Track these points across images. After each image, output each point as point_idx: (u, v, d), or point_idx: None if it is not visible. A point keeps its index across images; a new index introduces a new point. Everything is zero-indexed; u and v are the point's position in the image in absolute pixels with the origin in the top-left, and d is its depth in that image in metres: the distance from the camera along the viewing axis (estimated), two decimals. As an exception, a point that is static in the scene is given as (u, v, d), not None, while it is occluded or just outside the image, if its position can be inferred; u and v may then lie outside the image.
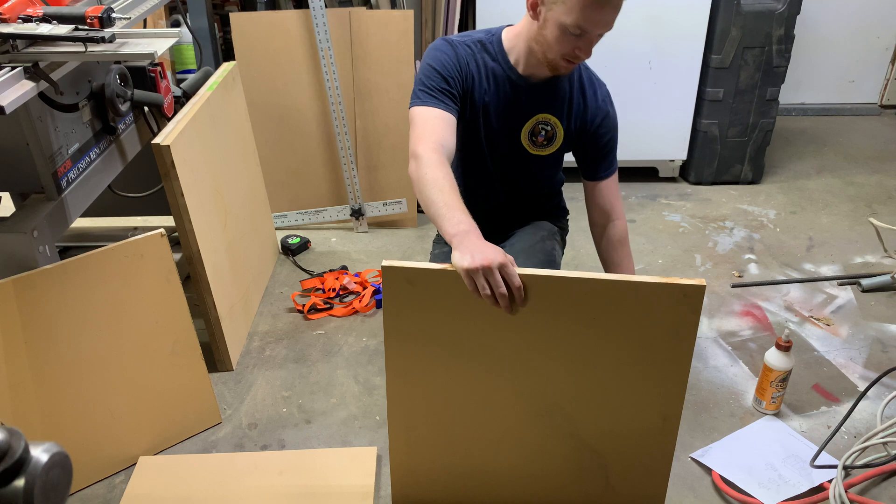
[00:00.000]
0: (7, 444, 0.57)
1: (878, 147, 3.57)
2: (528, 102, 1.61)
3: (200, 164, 1.92)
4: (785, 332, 1.77)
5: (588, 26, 1.40)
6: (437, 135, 1.41)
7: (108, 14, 1.47)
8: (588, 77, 1.65)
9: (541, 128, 1.64)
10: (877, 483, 1.64)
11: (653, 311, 1.19)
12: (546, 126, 1.63)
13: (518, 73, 1.57)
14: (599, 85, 1.67)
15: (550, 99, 1.61)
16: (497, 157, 1.70)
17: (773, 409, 1.84)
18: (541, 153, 1.68)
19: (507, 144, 1.67)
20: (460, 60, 1.54)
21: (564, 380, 1.30)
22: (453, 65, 1.53)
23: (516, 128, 1.64)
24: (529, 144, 1.66)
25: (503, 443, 1.40)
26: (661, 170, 3.20)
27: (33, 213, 1.56)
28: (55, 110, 1.59)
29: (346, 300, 2.33)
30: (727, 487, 1.62)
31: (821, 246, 2.69)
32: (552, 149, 1.68)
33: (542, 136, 1.64)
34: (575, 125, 1.65)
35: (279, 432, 1.81)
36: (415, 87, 1.51)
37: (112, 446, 1.67)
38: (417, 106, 1.47)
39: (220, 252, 2.02)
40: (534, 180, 1.80)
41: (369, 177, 2.81)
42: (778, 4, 2.81)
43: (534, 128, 1.64)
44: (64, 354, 1.54)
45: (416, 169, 1.34)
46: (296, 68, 2.65)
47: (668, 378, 1.26)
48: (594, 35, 1.43)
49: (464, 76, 1.55)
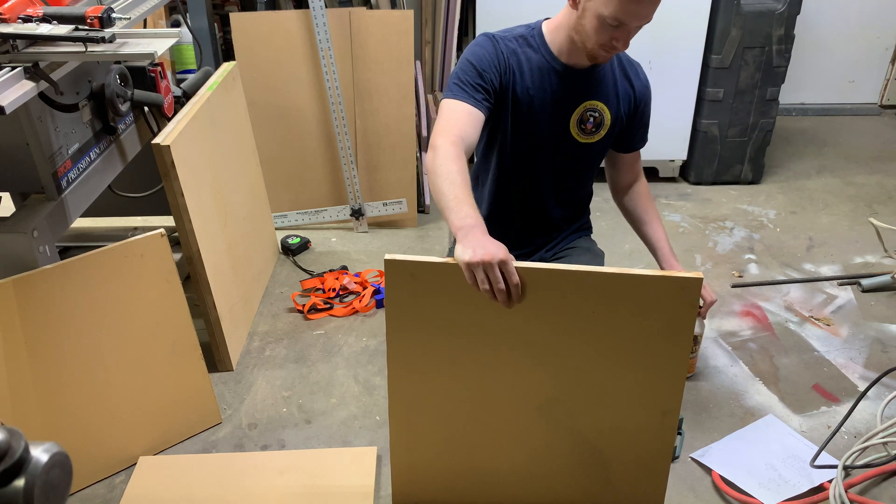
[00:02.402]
0: (7, 444, 0.57)
1: (878, 147, 3.57)
2: (574, 91, 1.61)
3: (200, 164, 1.92)
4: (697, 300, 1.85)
5: (625, 18, 1.40)
6: (459, 128, 1.42)
7: (108, 14, 1.47)
8: (626, 59, 1.68)
9: (589, 115, 1.64)
10: (877, 483, 1.64)
11: (651, 304, 1.20)
12: (594, 112, 1.64)
13: (562, 62, 1.58)
14: (637, 63, 1.70)
15: (596, 85, 1.62)
16: (546, 149, 1.68)
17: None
18: (589, 140, 1.68)
19: (556, 135, 1.66)
20: (499, 56, 1.55)
21: (564, 373, 1.31)
22: (491, 60, 1.53)
23: (565, 117, 1.64)
24: (579, 133, 1.66)
25: (503, 439, 1.41)
26: (661, 170, 3.20)
27: (33, 213, 1.56)
28: (55, 110, 1.59)
29: (346, 300, 2.33)
30: (727, 487, 1.62)
31: (821, 246, 2.69)
32: (600, 135, 1.68)
33: (591, 123, 1.65)
34: (624, 108, 1.67)
35: (279, 432, 1.81)
36: (450, 80, 1.53)
37: (112, 446, 1.67)
38: (447, 98, 1.49)
39: (220, 252, 2.02)
40: (584, 171, 1.79)
41: (369, 177, 2.81)
42: (778, 4, 2.81)
43: (582, 115, 1.64)
44: (64, 354, 1.54)
45: (433, 160, 1.35)
46: (296, 68, 2.65)
47: (667, 371, 1.27)
48: (632, 27, 1.44)
49: (502, 71, 1.55)
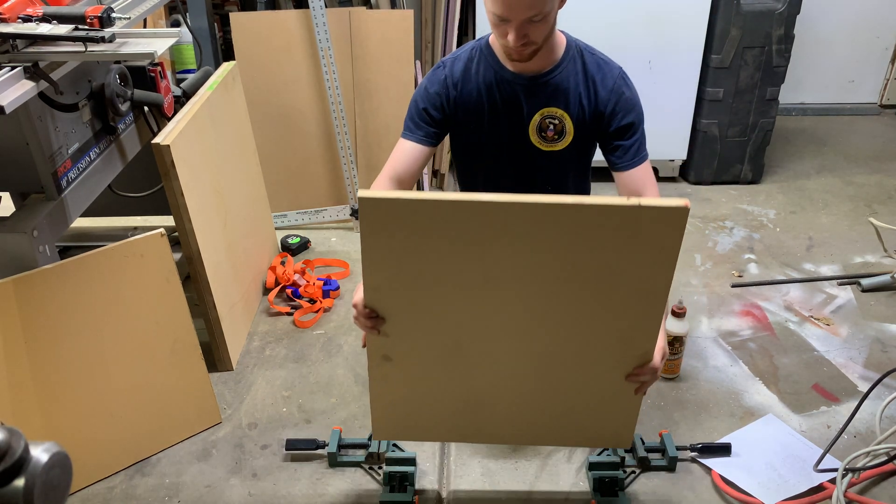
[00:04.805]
0: (7, 444, 0.57)
1: (878, 147, 3.57)
2: (528, 98, 1.59)
3: (200, 164, 1.92)
4: (678, 300, 1.93)
5: (503, 13, 1.38)
6: (393, 165, 1.61)
7: (108, 14, 1.47)
8: (595, 62, 1.59)
9: (548, 122, 1.61)
10: (877, 483, 1.64)
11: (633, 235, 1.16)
12: (553, 120, 1.61)
13: (510, 71, 1.57)
14: (610, 68, 1.59)
15: (552, 91, 1.59)
16: (511, 158, 1.68)
17: (664, 372, 1.97)
18: (553, 147, 1.64)
19: (518, 144, 1.65)
20: (440, 84, 1.60)
21: (542, 308, 1.29)
22: (431, 92, 1.61)
23: (523, 126, 1.62)
24: (539, 140, 1.63)
25: (482, 375, 1.41)
26: (661, 170, 3.20)
27: (33, 213, 1.56)
28: (55, 110, 1.59)
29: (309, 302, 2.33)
30: (727, 487, 1.62)
31: (821, 246, 2.69)
32: (564, 142, 1.64)
33: (552, 131, 1.62)
34: (587, 115, 1.60)
35: (279, 432, 1.81)
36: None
37: (112, 446, 1.67)
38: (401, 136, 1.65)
39: (220, 252, 2.02)
40: (558, 179, 1.73)
41: (369, 176, 2.81)
42: (778, 4, 2.81)
43: (541, 123, 1.61)
44: (64, 354, 1.54)
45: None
46: (296, 68, 2.64)
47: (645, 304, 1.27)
48: (518, 21, 1.39)
49: (444, 98, 1.60)
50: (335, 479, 1.68)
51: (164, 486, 1.67)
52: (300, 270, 2.41)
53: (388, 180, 1.60)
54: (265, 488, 1.66)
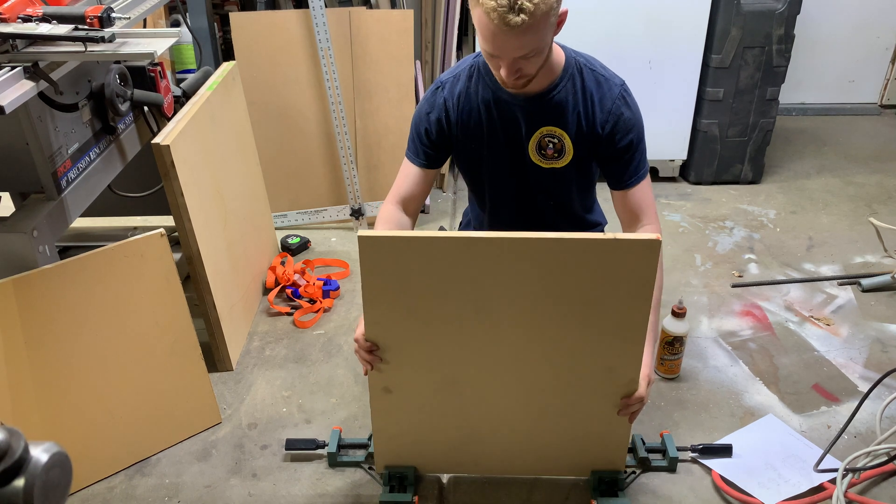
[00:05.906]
0: (7, 444, 0.57)
1: (878, 147, 3.57)
2: (526, 118, 1.57)
3: (200, 164, 1.92)
4: (679, 300, 1.93)
5: (496, 51, 1.36)
6: (399, 187, 1.65)
7: (108, 14, 1.47)
8: (595, 79, 1.55)
9: (547, 141, 1.59)
10: (877, 483, 1.64)
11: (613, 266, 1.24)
12: (552, 139, 1.58)
13: (507, 91, 1.52)
14: (610, 87, 1.54)
15: (551, 111, 1.55)
16: (515, 176, 1.67)
17: (664, 373, 1.97)
18: (554, 165, 1.62)
19: (518, 162, 1.63)
20: (437, 107, 1.61)
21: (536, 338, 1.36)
22: (428, 116, 1.61)
23: (522, 144, 1.60)
24: (540, 158, 1.61)
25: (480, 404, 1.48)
26: (661, 169, 3.20)
27: (33, 213, 1.56)
28: (55, 110, 1.59)
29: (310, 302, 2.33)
30: (727, 487, 1.62)
31: (821, 246, 2.68)
32: (564, 160, 1.61)
33: (551, 149, 1.59)
34: (585, 134, 1.57)
35: (279, 432, 1.81)
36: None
37: (112, 446, 1.67)
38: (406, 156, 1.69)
39: (220, 252, 2.02)
40: (561, 194, 1.71)
41: (369, 177, 2.81)
42: (778, 4, 2.81)
43: (540, 141, 1.59)
44: (64, 354, 1.54)
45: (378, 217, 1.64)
46: (296, 68, 2.64)
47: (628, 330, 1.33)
48: (510, 58, 1.37)
49: (443, 121, 1.61)
50: (335, 479, 1.68)
51: (164, 486, 1.67)
52: (300, 270, 2.41)
53: (395, 205, 1.64)
54: (265, 488, 1.66)
